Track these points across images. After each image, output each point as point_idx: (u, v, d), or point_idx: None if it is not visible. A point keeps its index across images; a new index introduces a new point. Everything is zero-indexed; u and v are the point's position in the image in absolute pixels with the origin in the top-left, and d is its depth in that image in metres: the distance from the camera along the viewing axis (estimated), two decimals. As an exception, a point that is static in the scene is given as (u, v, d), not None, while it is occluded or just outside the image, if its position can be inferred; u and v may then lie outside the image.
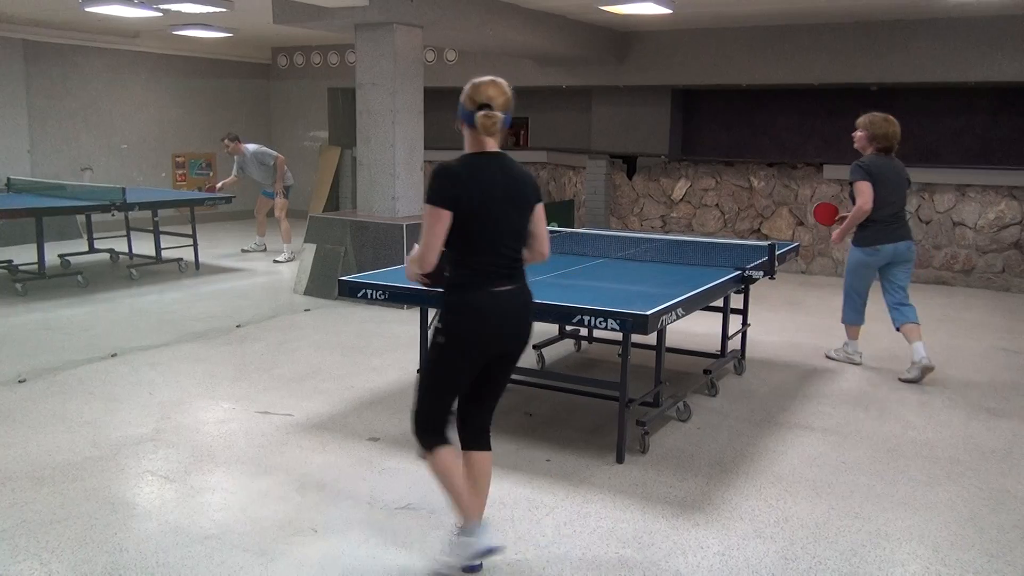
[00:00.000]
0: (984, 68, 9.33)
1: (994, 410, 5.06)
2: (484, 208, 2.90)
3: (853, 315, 6.06)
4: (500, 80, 3.00)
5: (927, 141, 10.88)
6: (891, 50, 9.76)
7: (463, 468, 3.08)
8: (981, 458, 4.31)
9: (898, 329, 5.78)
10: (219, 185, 10.61)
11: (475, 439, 3.15)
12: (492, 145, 3.00)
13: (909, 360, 5.66)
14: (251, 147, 10.13)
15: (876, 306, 8.03)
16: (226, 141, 10.06)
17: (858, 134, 5.98)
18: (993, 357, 6.26)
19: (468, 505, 3.05)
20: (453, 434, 3.08)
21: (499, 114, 2.94)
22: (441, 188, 2.87)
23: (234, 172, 10.36)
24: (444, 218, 2.85)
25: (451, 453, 3.03)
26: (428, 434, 3.02)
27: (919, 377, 5.57)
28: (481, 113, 2.92)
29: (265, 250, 10.59)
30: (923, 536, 3.47)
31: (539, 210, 3.11)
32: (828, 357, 6.23)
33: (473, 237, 2.91)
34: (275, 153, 10.21)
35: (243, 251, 10.64)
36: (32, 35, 11.22)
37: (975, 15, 9.17)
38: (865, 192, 5.61)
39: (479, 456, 3.13)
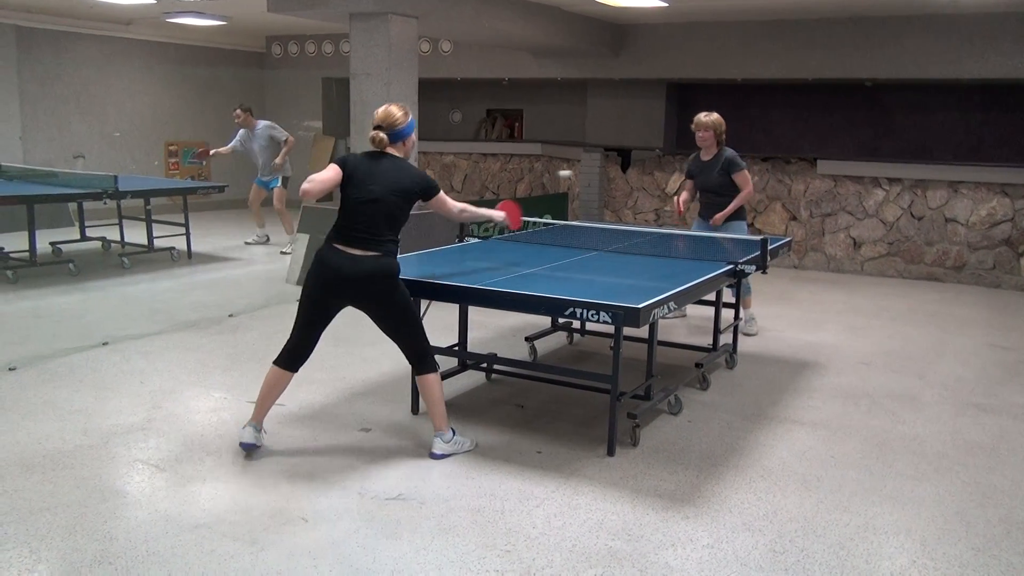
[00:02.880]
0: (977, 65, 9.35)
1: (982, 406, 5.09)
2: None
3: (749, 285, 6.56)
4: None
5: (920, 137, 10.91)
6: (885, 46, 9.77)
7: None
8: (969, 453, 4.34)
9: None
10: (212, 152, 10.41)
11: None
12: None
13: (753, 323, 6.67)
14: (263, 122, 9.99)
15: (868, 301, 8.06)
16: (238, 111, 9.86)
17: (705, 134, 6.42)
18: (982, 353, 6.30)
19: None
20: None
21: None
22: None
23: (231, 144, 10.17)
24: None
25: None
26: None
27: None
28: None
29: (268, 242, 10.49)
30: (911, 530, 3.49)
31: None
32: (747, 334, 6.55)
33: None
34: (287, 133, 10.08)
35: (246, 243, 10.50)
36: (24, 21, 11.14)
37: (969, 11, 9.18)
38: (750, 179, 6.39)
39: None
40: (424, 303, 4.63)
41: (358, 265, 3.83)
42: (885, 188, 9.42)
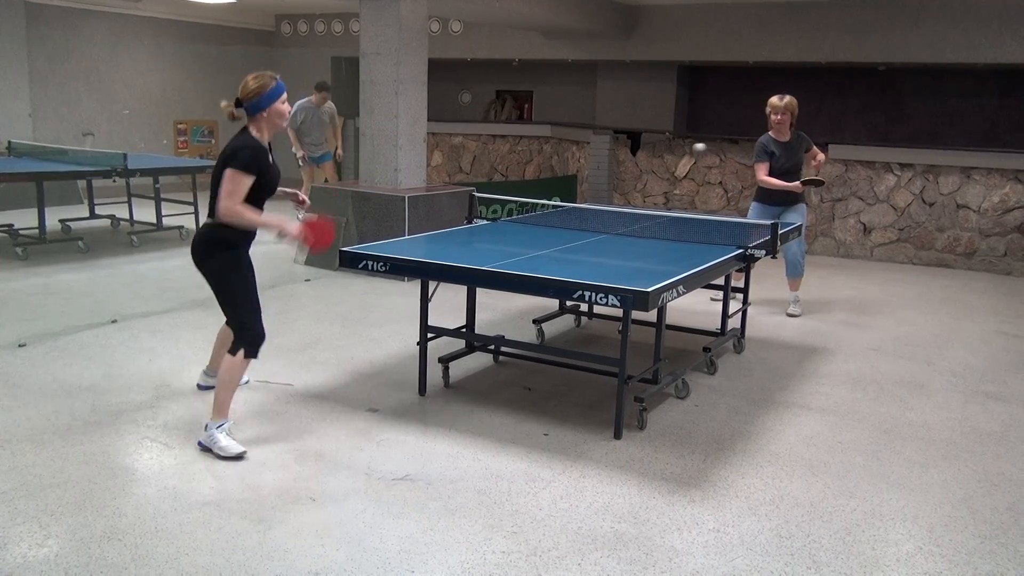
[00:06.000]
0: (993, 50, 9.26)
1: (992, 393, 5.07)
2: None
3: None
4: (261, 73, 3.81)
5: (933, 122, 10.83)
6: (900, 29, 9.68)
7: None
8: (977, 440, 4.33)
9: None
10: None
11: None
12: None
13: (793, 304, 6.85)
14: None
15: (877, 287, 8.02)
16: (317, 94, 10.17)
17: (783, 117, 6.53)
18: (992, 340, 6.27)
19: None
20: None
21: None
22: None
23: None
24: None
25: None
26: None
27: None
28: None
29: None
30: (917, 517, 3.49)
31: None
32: (792, 315, 6.73)
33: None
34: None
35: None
36: (34, -3, 11.12)
37: (986, -5, 9.09)
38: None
39: None
40: (432, 284, 4.63)
41: (196, 232, 4.01)
42: (897, 173, 9.35)
